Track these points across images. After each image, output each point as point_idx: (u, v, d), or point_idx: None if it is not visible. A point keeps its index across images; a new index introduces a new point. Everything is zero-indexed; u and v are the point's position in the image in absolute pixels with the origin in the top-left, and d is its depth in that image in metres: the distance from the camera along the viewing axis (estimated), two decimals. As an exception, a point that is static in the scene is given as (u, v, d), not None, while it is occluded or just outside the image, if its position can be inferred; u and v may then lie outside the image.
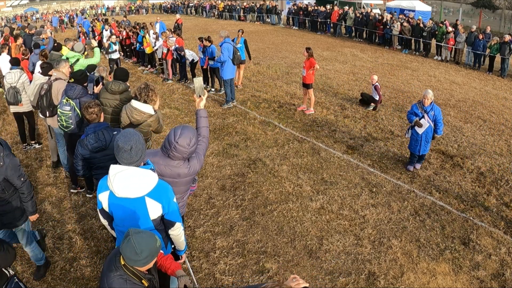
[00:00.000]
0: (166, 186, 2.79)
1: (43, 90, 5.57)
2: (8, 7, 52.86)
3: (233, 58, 9.17)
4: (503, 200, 5.82)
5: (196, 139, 2.99)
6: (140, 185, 2.64)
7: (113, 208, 2.77)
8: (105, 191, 2.75)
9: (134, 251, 2.18)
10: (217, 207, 5.47)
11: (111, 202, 2.74)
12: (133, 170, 2.64)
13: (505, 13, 27.24)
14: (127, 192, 2.63)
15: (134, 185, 2.62)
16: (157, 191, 2.71)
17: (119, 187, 2.62)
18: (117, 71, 4.99)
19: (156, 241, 2.29)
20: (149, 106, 4.22)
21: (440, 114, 6.26)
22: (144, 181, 2.65)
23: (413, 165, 6.59)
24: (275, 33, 23.25)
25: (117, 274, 2.24)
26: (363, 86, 11.58)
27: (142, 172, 2.66)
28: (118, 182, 2.61)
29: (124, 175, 2.62)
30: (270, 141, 7.62)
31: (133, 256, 2.19)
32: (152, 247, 2.24)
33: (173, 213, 2.81)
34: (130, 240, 2.19)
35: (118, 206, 2.72)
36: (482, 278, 4.30)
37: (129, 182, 2.61)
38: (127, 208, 2.71)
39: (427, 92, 6.20)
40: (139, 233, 2.23)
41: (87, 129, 3.86)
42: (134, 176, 2.63)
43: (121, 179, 2.61)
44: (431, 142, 6.63)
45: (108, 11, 45.86)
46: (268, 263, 4.40)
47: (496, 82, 13.16)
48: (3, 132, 8.32)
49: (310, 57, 8.65)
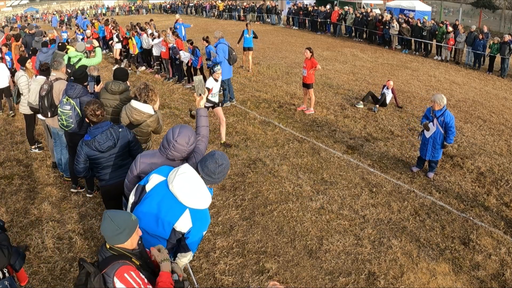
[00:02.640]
0: (207, 218, 2.78)
1: (43, 90, 5.57)
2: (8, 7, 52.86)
3: (228, 58, 9.17)
4: (503, 200, 5.82)
5: (194, 138, 3.00)
6: (195, 198, 2.63)
7: (153, 192, 2.72)
8: (162, 175, 2.75)
9: (113, 225, 2.25)
10: (217, 207, 5.47)
11: (158, 187, 2.71)
12: (203, 183, 2.66)
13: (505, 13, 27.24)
14: (182, 192, 2.61)
15: (192, 193, 2.61)
16: (199, 214, 2.68)
17: (178, 184, 2.60)
18: (117, 71, 4.98)
19: (131, 215, 2.36)
20: (149, 106, 4.21)
21: (452, 122, 6.00)
22: (201, 198, 2.65)
23: (418, 168, 6.56)
24: (275, 33, 23.25)
25: (107, 255, 2.31)
26: (363, 86, 11.59)
27: (207, 190, 2.69)
28: (182, 180, 2.61)
29: (192, 179, 2.63)
30: (270, 141, 7.62)
31: (114, 231, 2.26)
32: (127, 219, 2.32)
33: (195, 242, 2.76)
34: (107, 218, 2.27)
35: (160, 195, 2.69)
36: (482, 278, 4.30)
37: (191, 187, 2.61)
38: (164, 203, 2.66)
39: (435, 96, 6.07)
40: (113, 211, 2.33)
41: (93, 130, 3.77)
42: (200, 187, 2.64)
43: (187, 180, 2.61)
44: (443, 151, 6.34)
45: (108, 11, 45.86)
46: (268, 263, 4.41)
47: (496, 82, 13.16)
48: (3, 132, 8.33)
49: (311, 57, 8.67)
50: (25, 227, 4.96)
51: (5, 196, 5.70)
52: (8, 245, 2.85)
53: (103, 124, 3.80)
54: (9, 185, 6.01)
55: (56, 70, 5.72)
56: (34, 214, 5.21)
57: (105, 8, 47.15)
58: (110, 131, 3.79)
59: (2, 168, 6.60)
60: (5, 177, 6.25)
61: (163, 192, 2.69)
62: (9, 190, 5.85)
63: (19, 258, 3.24)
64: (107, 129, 3.78)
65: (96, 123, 3.82)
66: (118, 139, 3.81)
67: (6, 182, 6.10)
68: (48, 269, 4.25)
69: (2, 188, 5.91)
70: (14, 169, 6.52)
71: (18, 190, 5.85)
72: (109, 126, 3.81)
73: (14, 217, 5.18)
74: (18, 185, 6.01)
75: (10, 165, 6.66)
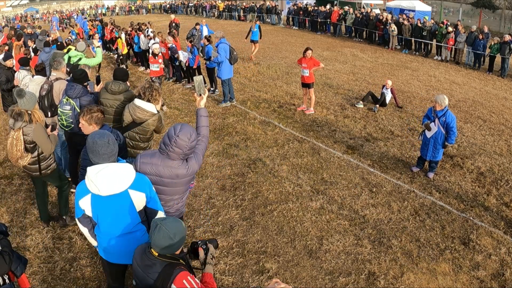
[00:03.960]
0: (143, 176, 2.88)
1: (43, 90, 5.57)
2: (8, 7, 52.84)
3: (230, 58, 9.17)
4: (503, 200, 5.82)
5: (195, 135, 3.02)
6: (123, 179, 2.71)
7: (97, 210, 2.78)
8: (85, 195, 2.76)
9: (168, 236, 2.26)
10: (217, 207, 5.47)
11: (95, 204, 2.76)
12: (113, 166, 2.72)
13: (505, 13, 27.24)
14: (112, 188, 2.68)
15: (117, 179, 2.69)
16: (138, 182, 2.79)
17: (103, 185, 2.66)
18: (117, 71, 4.98)
19: (181, 222, 2.38)
20: (152, 105, 4.24)
21: (454, 122, 6.00)
22: (126, 174, 2.73)
23: (418, 168, 6.57)
24: (275, 33, 23.25)
25: (158, 264, 2.31)
26: (363, 86, 11.59)
27: (121, 166, 2.75)
28: (101, 181, 2.65)
29: (106, 172, 2.67)
30: (270, 141, 7.62)
31: (168, 241, 2.27)
32: (182, 229, 2.34)
33: (155, 201, 2.90)
34: (162, 228, 2.26)
35: (103, 206, 2.75)
36: (482, 278, 4.30)
37: (113, 178, 2.67)
38: (113, 206, 2.75)
39: (437, 97, 6.07)
40: (165, 220, 2.32)
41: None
42: (116, 171, 2.70)
43: (104, 177, 2.66)
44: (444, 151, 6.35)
45: (108, 11, 45.86)
46: (268, 263, 4.41)
47: (496, 82, 13.16)
48: (3, 132, 8.32)
49: (312, 57, 8.68)
50: (25, 227, 4.95)
51: (5, 196, 5.70)
52: (10, 251, 2.85)
53: (106, 128, 3.80)
54: (9, 185, 6.01)
55: (56, 70, 5.72)
56: (34, 214, 5.21)
57: (105, 8, 47.14)
58: (113, 132, 3.82)
59: (2, 168, 6.60)
60: (5, 177, 6.25)
61: (101, 201, 2.75)
62: (9, 190, 5.85)
63: (21, 264, 3.24)
64: (111, 131, 3.79)
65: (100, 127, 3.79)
66: (122, 140, 3.86)
67: (6, 182, 6.10)
68: (48, 269, 4.25)
69: (2, 188, 5.91)
70: (14, 169, 6.52)
71: (18, 190, 5.85)
72: (110, 129, 3.83)
73: (14, 217, 5.18)
74: (18, 185, 6.01)
75: (10, 165, 6.65)
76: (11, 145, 4.12)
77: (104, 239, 2.90)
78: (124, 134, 4.28)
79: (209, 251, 2.63)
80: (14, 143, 4.10)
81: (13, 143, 4.10)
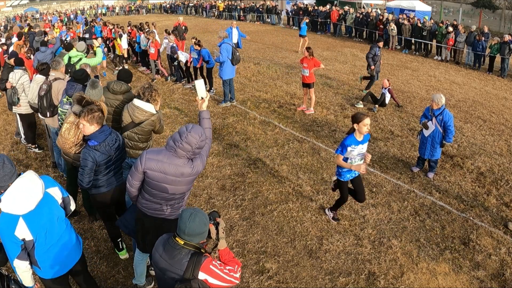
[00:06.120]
0: (49, 178, 3.05)
1: (42, 90, 5.57)
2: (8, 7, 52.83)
3: (232, 58, 9.16)
4: (503, 200, 5.82)
5: (205, 136, 3.06)
6: (38, 183, 2.79)
7: (35, 227, 2.79)
8: (17, 223, 2.71)
9: (204, 223, 2.39)
10: (217, 207, 5.47)
11: (31, 222, 2.76)
12: (22, 178, 2.76)
13: (505, 13, 27.25)
14: (38, 196, 2.75)
15: (36, 186, 2.76)
16: (45, 179, 2.94)
17: (28, 199, 2.70)
18: (121, 72, 5.00)
19: (203, 212, 2.51)
20: (151, 105, 4.24)
21: (451, 121, 6.03)
22: (36, 179, 2.81)
23: (418, 167, 6.57)
24: (275, 33, 23.26)
25: (184, 253, 2.39)
26: (363, 86, 11.58)
27: (26, 175, 2.80)
28: (24, 196, 2.69)
29: (22, 187, 2.71)
30: (270, 141, 7.62)
31: (203, 228, 2.39)
32: (206, 216, 2.47)
33: (63, 189, 3.10)
34: (197, 216, 2.36)
35: (38, 218, 2.79)
36: (482, 278, 4.30)
37: (31, 187, 2.73)
38: (45, 211, 2.83)
39: (434, 96, 6.12)
40: (195, 209, 2.43)
41: (99, 135, 3.67)
42: (27, 181, 2.76)
43: (24, 192, 2.69)
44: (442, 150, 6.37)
45: (108, 11, 45.86)
46: (268, 263, 4.41)
47: (496, 82, 13.16)
48: (3, 132, 8.32)
49: (312, 56, 8.67)
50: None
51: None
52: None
53: (105, 128, 3.80)
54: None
55: (55, 69, 5.72)
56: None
57: (105, 8, 47.13)
58: (114, 133, 3.82)
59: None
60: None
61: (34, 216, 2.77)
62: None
63: None
64: (110, 131, 3.79)
65: (100, 128, 3.78)
66: (121, 140, 3.86)
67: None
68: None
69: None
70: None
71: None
72: (110, 129, 3.83)
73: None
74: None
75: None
76: (68, 130, 4.07)
77: (45, 254, 2.92)
78: (123, 134, 4.29)
79: (219, 225, 2.66)
80: (73, 129, 4.06)
81: (71, 129, 4.06)
